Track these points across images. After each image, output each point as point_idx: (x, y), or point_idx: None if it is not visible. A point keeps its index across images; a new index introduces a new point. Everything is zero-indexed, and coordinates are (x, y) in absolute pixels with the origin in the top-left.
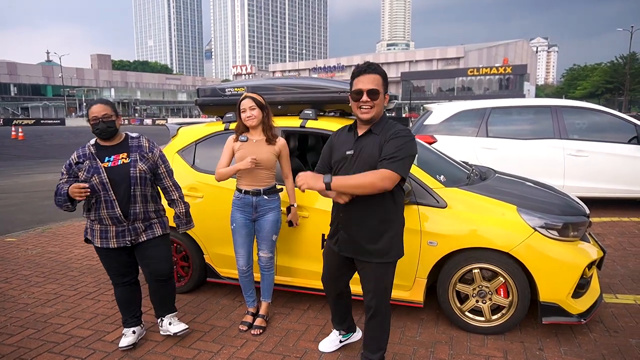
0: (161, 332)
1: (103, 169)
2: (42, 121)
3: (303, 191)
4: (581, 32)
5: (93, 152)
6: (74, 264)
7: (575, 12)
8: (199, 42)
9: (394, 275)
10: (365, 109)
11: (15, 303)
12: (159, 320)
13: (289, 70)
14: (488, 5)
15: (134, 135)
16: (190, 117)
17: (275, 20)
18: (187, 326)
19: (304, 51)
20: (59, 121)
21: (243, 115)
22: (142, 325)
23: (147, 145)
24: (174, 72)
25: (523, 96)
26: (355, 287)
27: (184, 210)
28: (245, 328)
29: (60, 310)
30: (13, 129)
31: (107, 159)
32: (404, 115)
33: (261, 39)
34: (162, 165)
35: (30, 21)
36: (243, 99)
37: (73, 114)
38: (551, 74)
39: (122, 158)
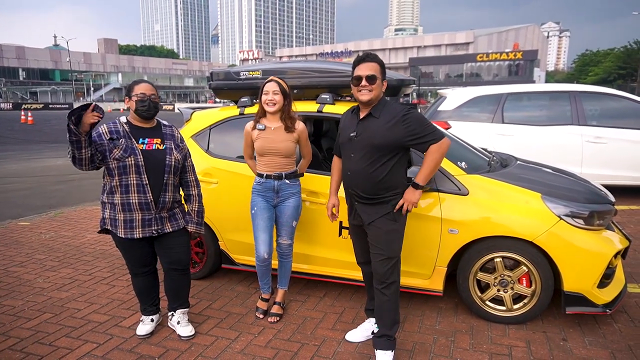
0: (168, 325)
1: (139, 150)
2: (50, 106)
3: (411, 208)
4: (594, 16)
5: (127, 130)
6: (87, 248)
7: None
8: (205, 27)
9: (401, 245)
10: (364, 92)
11: (31, 287)
12: (169, 313)
13: (296, 56)
14: None
15: (166, 123)
16: (197, 102)
17: (282, 5)
18: (193, 331)
19: (310, 36)
20: (67, 106)
21: (264, 98)
22: (160, 313)
23: (178, 135)
24: (181, 57)
25: (533, 82)
26: (359, 272)
27: (196, 209)
28: (261, 316)
29: (76, 294)
30: (22, 113)
31: (141, 140)
32: (410, 102)
33: (268, 24)
34: (189, 159)
35: (36, 4)
36: (269, 81)
37: (81, 98)
38: (562, 60)
39: (157, 143)
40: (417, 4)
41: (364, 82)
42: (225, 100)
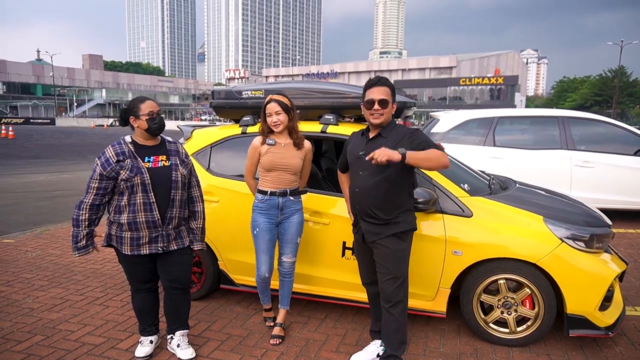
0: (168, 348)
1: (145, 169)
2: (31, 120)
3: (383, 162)
4: (571, 44)
5: (132, 150)
6: (77, 267)
7: (565, 25)
8: (192, 45)
9: (408, 265)
10: (376, 115)
11: (19, 307)
12: (169, 336)
13: (282, 76)
14: (479, 15)
15: (170, 139)
16: (182, 119)
17: (269, 25)
18: (194, 354)
19: (297, 57)
20: (49, 121)
21: (269, 120)
22: (159, 334)
23: (183, 151)
24: (166, 74)
25: (514, 106)
26: (362, 293)
27: (201, 225)
28: (271, 323)
29: (68, 315)
30: (3, 127)
31: (147, 159)
32: (396, 122)
33: (254, 44)
34: (195, 174)
35: (20, 18)
36: (268, 102)
37: (63, 113)
38: (541, 86)
39: (162, 160)
40: (401, 28)
41: (376, 106)
42: (211, 118)
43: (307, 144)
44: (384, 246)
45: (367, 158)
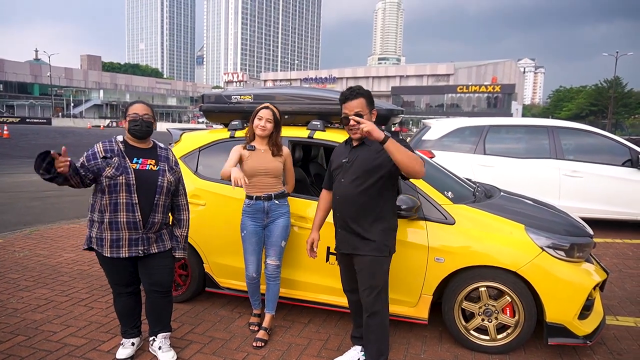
0: (150, 350)
1: (132, 170)
2: (27, 120)
3: (365, 133)
4: (568, 55)
5: (122, 149)
6: (64, 268)
7: (562, 35)
8: (191, 48)
9: (387, 276)
10: (354, 130)
11: (3, 308)
12: (150, 339)
13: (280, 80)
14: (477, 24)
15: (162, 145)
16: (180, 122)
17: (269, 29)
18: (175, 356)
19: (295, 61)
20: (45, 120)
21: (256, 122)
22: (141, 336)
23: (173, 159)
24: (165, 76)
25: (511, 115)
26: (345, 298)
27: (185, 234)
28: (256, 328)
29: (51, 316)
30: None
31: (135, 160)
32: (392, 130)
33: (253, 47)
34: (182, 182)
35: (19, 18)
36: (265, 107)
37: (60, 113)
38: (538, 95)
39: (150, 164)
40: (400, 35)
41: (352, 123)
42: (207, 121)
43: (285, 150)
44: (362, 256)
45: (350, 121)
